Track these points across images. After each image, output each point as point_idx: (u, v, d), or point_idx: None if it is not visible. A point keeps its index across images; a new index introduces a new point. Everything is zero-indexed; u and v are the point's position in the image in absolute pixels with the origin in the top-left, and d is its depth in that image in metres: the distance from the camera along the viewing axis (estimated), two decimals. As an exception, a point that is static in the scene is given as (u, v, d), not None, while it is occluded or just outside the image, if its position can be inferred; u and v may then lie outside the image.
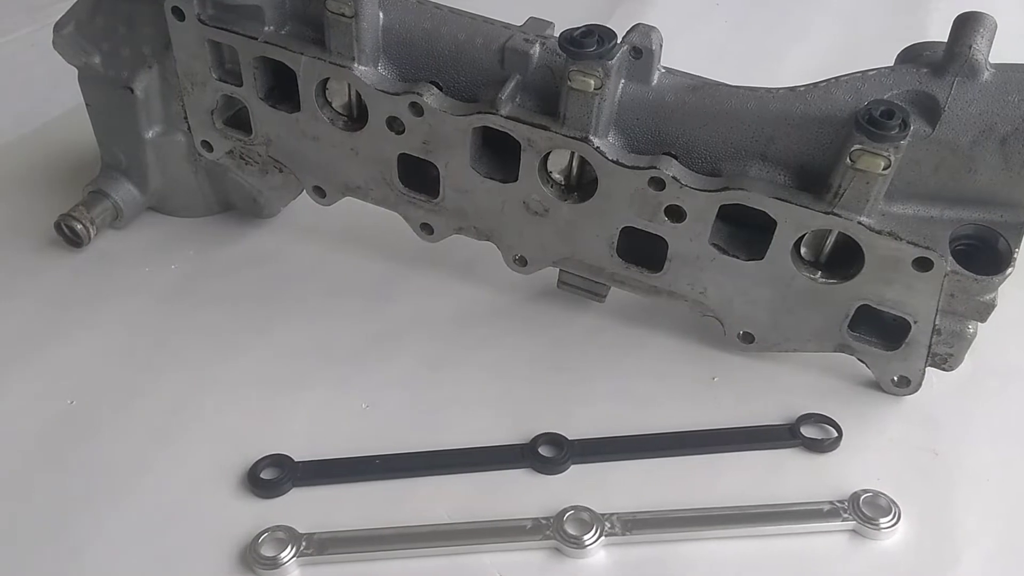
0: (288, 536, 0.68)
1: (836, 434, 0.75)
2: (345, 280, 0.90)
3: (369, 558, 0.67)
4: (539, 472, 0.73)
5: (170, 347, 0.82)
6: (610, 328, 0.86)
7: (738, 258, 0.76)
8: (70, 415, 0.77)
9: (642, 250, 0.79)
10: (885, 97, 0.69)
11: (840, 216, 0.70)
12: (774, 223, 0.72)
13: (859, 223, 0.70)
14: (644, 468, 0.74)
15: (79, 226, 0.90)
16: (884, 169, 0.66)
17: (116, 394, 0.79)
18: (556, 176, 0.78)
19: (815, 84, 0.72)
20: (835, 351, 0.79)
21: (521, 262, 0.84)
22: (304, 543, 0.67)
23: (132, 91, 0.87)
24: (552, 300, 0.87)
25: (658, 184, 0.73)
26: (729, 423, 0.77)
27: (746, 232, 0.77)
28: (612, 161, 0.73)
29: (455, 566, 0.67)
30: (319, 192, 0.88)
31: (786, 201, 0.70)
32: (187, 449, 0.74)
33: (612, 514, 0.69)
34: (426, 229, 0.86)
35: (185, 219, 0.96)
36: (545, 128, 0.73)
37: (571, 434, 0.75)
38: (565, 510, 0.69)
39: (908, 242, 0.69)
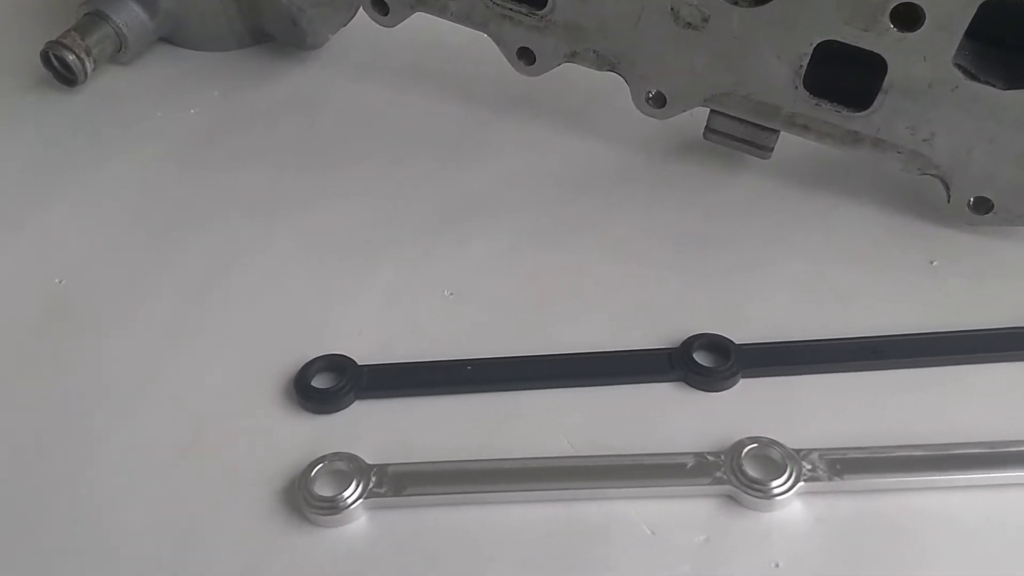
0: (351, 468, 0.49)
1: (1125, 342, 0.53)
2: (417, 131, 0.71)
3: (462, 500, 0.49)
4: (695, 388, 0.53)
5: (189, 214, 0.65)
6: (780, 194, 0.64)
7: (993, 86, 0.52)
8: (58, 298, 0.60)
9: (839, 78, 0.57)
10: None
11: None
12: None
13: None
14: (846, 386, 0.53)
15: (71, 57, 0.72)
16: None
17: (119, 273, 0.61)
18: (723, -32, 0.55)
19: None
20: (1120, 225, 0.56)
21: (658, 101, 0.63)
22: (374, 478, 0.49)
23: None
24: (697, 156, 0.67)
25: (889, -31, 0.49)
26: (959, 325, 0.55)
27: (1003, 52, 0.53)
28: (819, -66, 0.49)
29: (582, 516, 0.48)
30: (380, 7, 0.66)
31: (1101, -12, 0.46)
32: (212, 347, 0.57)
33: (811, 450, 0.48)
34: (526, 56, 0.64)
35: (208, 53, 0.78)
36: None
37: (739, 337, 0.55)
38: (742, 443, 0.49)
39: None
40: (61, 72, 0.73)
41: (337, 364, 0.54)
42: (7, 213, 0.65)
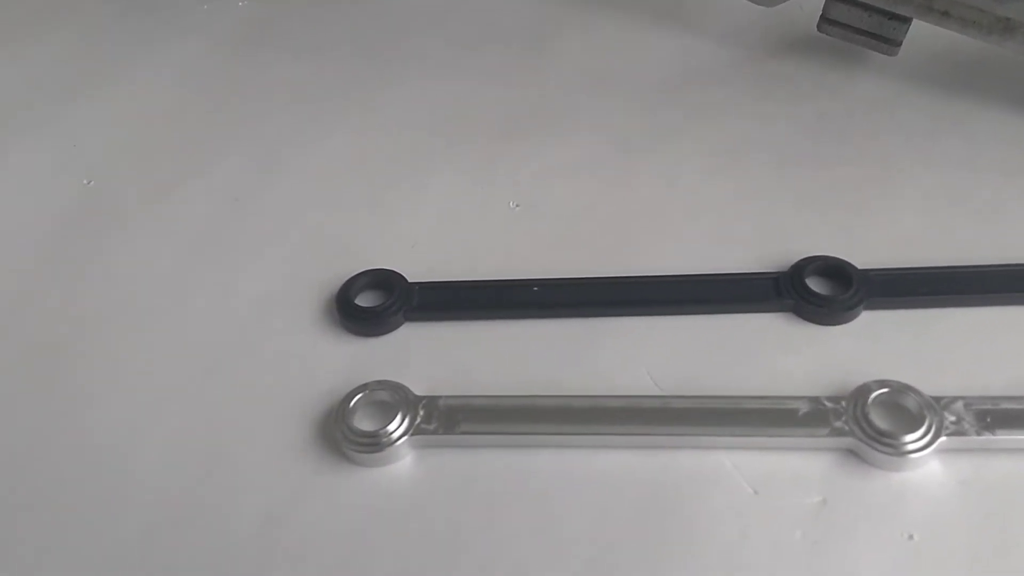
0: (396, 399, 0.43)
1: None
2: (484, 24, 0.66)
3: (523, 442, 0.42)
4: (807, 320, 0.46)
5: (231, 114, 0.62)
6: (907, 98, 0.57)
7: None
8: (85, 200, 0.55)
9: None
10: None
11: None
12: None
13: None
14: (996, 322, 0.44)
15: (110, -60, 0.67)
16: None
17: (151, 176, 0.57)
18: None
19: None
20: None
21: (768, -15, 0.54)
22: (422, 412, 0.43)
23: None
24: (808, 53, 0.61)
25: None
26: None
27: None
28: None
29: (668, 467, 0.40)
30: None
31: None
32: (247, 258, 0.52)
33: (955, 398, 0.40)
34: (614, -67, 0.55)
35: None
36: None
37: (860, 261, 0.47)
38: (868, 387, 0.41)
39: None
40: (98, -41, 0.69)
41: (385, 280, 0.49)
42: (39, 109, 0.62)
